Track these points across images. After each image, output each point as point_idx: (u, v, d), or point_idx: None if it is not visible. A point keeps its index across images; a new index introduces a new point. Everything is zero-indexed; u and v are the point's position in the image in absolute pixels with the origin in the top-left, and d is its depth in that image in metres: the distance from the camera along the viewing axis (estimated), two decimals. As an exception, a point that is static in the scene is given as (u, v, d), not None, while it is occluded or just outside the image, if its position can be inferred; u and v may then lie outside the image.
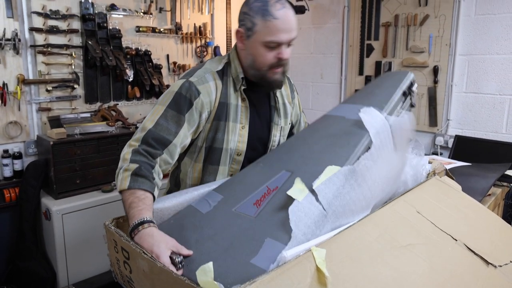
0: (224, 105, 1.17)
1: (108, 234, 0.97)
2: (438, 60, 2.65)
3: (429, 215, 1.04)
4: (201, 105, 1.13)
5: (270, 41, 1.09)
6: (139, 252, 0.84)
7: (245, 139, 1.21)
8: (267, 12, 1.07)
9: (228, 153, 1.20)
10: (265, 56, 1.11)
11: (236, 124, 1.19)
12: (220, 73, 1.19)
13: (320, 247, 0.80)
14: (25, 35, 2.28)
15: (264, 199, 0.95)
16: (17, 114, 2.31)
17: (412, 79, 1.26)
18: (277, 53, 1.11)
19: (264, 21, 1.07)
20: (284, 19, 1.07)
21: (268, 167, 1.09)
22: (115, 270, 1.02)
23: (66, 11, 2.42)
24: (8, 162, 2.28)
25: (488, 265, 0.94)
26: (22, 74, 2.28)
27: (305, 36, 3.50)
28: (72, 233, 2.24)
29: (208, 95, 1.14)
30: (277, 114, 1.30)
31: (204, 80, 1.15)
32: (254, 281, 0.69)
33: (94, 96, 2.64)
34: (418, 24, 2.70)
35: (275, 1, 1.08)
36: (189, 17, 3.15)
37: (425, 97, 2.75)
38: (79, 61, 2.53)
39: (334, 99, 3.39)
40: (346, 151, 1.01)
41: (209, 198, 1.06)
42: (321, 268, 0.74)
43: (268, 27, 1.07)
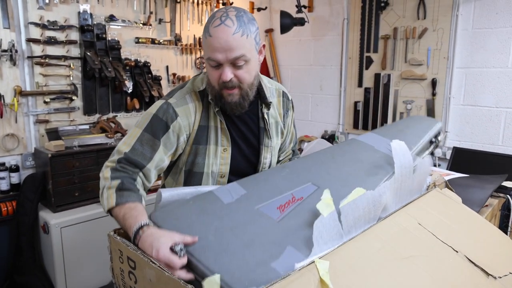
0: (205, 128, 1.14)
1: (113, 245, 0.96)
2: (436, 72, 2.68)
3: (430, 227, 1.05)
4: (178, 128, 1.10)
5: (208, 59, 1.04)
6: (147, 261, 0.84)
7: (227, 161, 1.17)
8: (206, 29, 1.03)
9: (211, 176, 1.17)
10: (212, 75, 1.07)
11: (217, 147, 1.15)
12: (202, 93, 1.15)
13: (323, 259, 0.81)
14: (22, 46, 2.25)
15: (288, 206, 0.96)
16: (14, 126, 2.27)
17: (439, 129, 1.30)
18: (220, 72, 1.04)
19: (204, 38, 1.04)
20: (217, 37, 0.99)
21: (295, 175, 1.09)
22: (117, 282, 1.01)
23: (64, 22, 2.40)
24: (5, 175, 2.24)
25: (489, 276, 0.95)
26: (19, 85, 2.25)
27: (304, 48, 3.52)
28: (71, 246, 2.19)
29: (187, 117, 1.11)
30: (267, 135, 1.24)
31: (184, 102, 1.12)
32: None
33: (92, 108, 2.61)
34: (417, 37, 2.73)
35: (219, 16, 1.02)
36: (188, 28, 3.14)
37: (424, 109, 2.77)
38: (78, 72, 2.51)
39: (333, 111, 3.41)
40: (373, 181, 1.03)
41: (231, 189, 1.04)
42: (325, 280, 0.75)
43: (206, 44, 1.04)
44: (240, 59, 1.02)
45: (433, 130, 1.27)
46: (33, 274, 2.22)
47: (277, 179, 1.08)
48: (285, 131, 1.34)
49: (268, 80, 1.30)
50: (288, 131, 1.36)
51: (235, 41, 1.00)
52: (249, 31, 1.03)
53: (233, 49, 1.00)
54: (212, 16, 1.04)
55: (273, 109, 1.26)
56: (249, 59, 1.04)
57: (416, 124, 1.35)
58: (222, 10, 1.04)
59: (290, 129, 1.38)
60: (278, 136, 1.30)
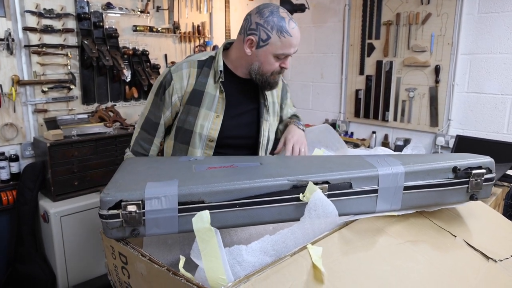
0: (199, 92, 1.30)
1: (105, 241, 0.98)
2: (440, 59, 2.61)
3: (428, 213, 1.05)
4: (172, 88, 1.30)
5: (282, 54, 1.23)
6: (137, 256, 0.85)
7: (217, 127, 1.31)
8: (284, 29, 1.20)
9: (202, 138, 1.31)
10: (273, 65, 1.25)
11: (210, 112, 1.30)
12: (202, 62, 1.32)
13: (316, 245, 0.82)
14: (18, 35, 2.25)
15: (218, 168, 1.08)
16: (13, 116, 2.28)
17: (483, 164, 1.03)
18: (282, 62, 1.26)
19: (280, 36, 1.20)
20: (296, 37, 1.23)
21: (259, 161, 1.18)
22: (113, 278, 1.03)
23: (61, 10, 2.38)
24: (4, 165, 2.26)
25: (489, 259, 0.95)
26: (17, 75, 2.25)
27: (305, 35, 3.46)
28: (71, 235, 2.22)
29: (180, 81, 1.30)
30: (266, 111, 1.39)
31: (180, 67, 1.31)
32: (248, 279, 0.71)
33: (91, 97, 2.61)
34: (420, 23, 2.66)
35: (289, 19, 1.22)
36: (187, 16, 3.11)
37: (426, 97, 2.71)
38: (75, 61, 2.50)
39: (334, 99, 3.36)
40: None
41: (196, 158, 1.24)
42: (317, 265, 0.76)
43: (282, 42, 1.21)
44: None
45: (467, 160, 1.03)
46: (34, 262, 2.25)
47: (238, 158, 1.19)
48: (284, 111, 1.53)
49: None
50: (287, 108, 1.55)
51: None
52: None
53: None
54: (277, 15, 1.20)
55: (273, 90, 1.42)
56: None
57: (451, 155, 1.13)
58: (282, 9, 1.23)
59: (289, 105, 1.56)
60: (275, 116, 1.46)
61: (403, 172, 1.00)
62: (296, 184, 0.94)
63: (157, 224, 0.90)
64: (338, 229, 0.93)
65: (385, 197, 1.00)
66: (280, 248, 0.84)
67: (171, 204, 0.89)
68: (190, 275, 0.75)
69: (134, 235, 0.90)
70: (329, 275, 0.76)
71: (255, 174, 1.00)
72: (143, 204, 0.88)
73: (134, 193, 0.89)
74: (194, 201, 0.91)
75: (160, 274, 0.79)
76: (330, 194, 0.96)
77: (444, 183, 1.02)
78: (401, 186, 1.00)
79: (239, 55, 1.29)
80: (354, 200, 0.98)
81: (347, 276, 0.78)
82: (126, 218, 0.88)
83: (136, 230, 0.90)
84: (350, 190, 0.98)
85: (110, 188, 0.93)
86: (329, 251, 0.83)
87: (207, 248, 0.76)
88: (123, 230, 0.90)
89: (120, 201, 0.88)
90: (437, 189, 1.02)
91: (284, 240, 0.85)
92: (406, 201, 1.02)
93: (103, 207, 0.89)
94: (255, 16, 1.23)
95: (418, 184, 1.01)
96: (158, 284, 0.81)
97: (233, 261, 0.78)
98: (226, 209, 0.92)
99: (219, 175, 1.02)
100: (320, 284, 0.74)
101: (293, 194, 0.94)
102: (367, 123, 3.11)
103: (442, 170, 1.02)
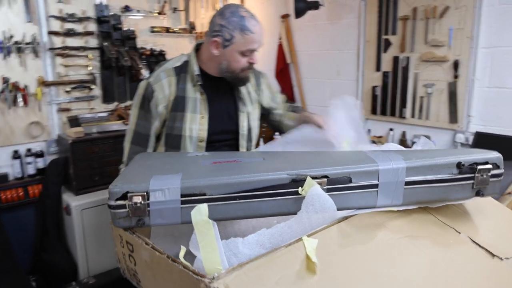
0: (182, 98, 1.36)
1: (114, 231, 1.04)
2: (459, 53, 2.54)
3: (433, 209, 1.03)
4: (156, 100, 1.34)
5: (246, 50, 1.30)
6: (141, 244, 0.89)
7: (204, 127, 1.37)
8: (245, 27, 1.27)
9: (192, 140, 1.37)
10: (240, 62, 1.32)
11: (195, 115, 1.37)
12: (178, 69, 1.38)
13: (313, 237, 0.83)
14: (43, 39, 2.37)
15: (223, 163, 1.12)
16: (38, 115, 2.41)
17: (490, 159, 1.00)
18: (249, 58, 1.33)
19: (242, 34, 1.28)
20: (258, 33, 1.30)
21: (260, 155, 1.21)
22: (122, 266, 1.09)
23: (82, 14, 2.49)
24: (31, 160, 2.39)
25: (494, 257, 0.93)
26: (42, 76, 2.37)
27: (320, 33, 3.44)
28: (91, 227, 2.32)
29: (162, 91, 1.34)
30: (242, 103, 1.46)
31: (159, 78, 1.35)
32: (242, 267, 0.73)
33: (111, 96, 2.71)
34: (438, 17, 2.59)
35: (249, 17, 1.29)
36: (202, 16, 3.17)
37: (445, 93, 2.65)
38: (96, 62, 2.61)
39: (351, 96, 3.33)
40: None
41: (202, 153, 1.28)
42: (310, 255, 0.76)
43: (245, 39, 1.28)
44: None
45: (474, 156, 1.01)
46: (58, 252, 2.37)
47: (239, 154, 1.25)
48: (263, 96, 1.57)
49: None
50: (266, 93, 1.59)
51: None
52: None
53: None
54: (238, 14, 1.28)
55: None
56: None
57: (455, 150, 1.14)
58: (243, 9, 1.30)
59: (270, 89, 1.61)
60: (252, 104, 1.51)
61: (404, 167, 0.99)
62: (295, 178, 0.96)
63: (161, 214, 0.94)
64: (337, 222, 0.94)
65: (385, 192, 1.00)
66: (277, 241, 0.86)
67: (174, 196, 0.93)
68: (188, 264, 0.79)
69: (140, 224, 0.95)
70: (322, 266, 0.77)
71: (256, 168, 1.03)
72: (147, 195, 0.93)
73: (139, 185, 0.94)
74: (196, 193, 0.94)
75: (161, 261, 0.83)
76: (329, 188, 0.97)
77: (448, 179, 1.00)
78: (402, 181, 1.00)
79: (208, 56, 1.35)
80: (354, 195, 0.99)
81: (341, 267, 0.79)
82: (132, 209, 0.93)
83: (141, 220, 0.95)
84: (349, 184, 0.98)
85: (118, 180, 0.98)
86: (325, 243, 0.84)
87: (205, 240, 0.80)
88: (129, 220, 0.95)
89: (126, 192, 0.93)
90: (441, 184, 1.01)
91: (280, 234, 0.87)
92: (407, 196, 1.01)
93: (111, 198, 0.94)
94: (218, 18, 1.30)
95: (420, 180, 1.00)
96: (159, 270, 0.86)
97: (229, 253, 0.82)
98: (227, 202, 0.95)
99: (221, 169, 1.05)
100: (312, 274, 0.75)
101: (292, 188, 0.96)
102: (384, 120, 3.07)
103: (445, 166, 1.00)
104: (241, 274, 0.73)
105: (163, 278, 0.87)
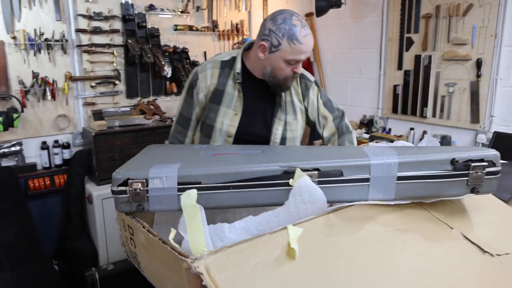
0: (220, 91, 1.39)
1: (119, 216, 1.11)
2: (482, 52, 2.46)
3: (427, 205, 1.03)
4: (198, 88, 1.41)
5: (292, 59, 1.28)
6: (139, 227, 0.95)
7: (235, 123, 1.39)
8: (294, 37, 1.25)
9: (221, 133, 1.40)
10: (284, 70, 1.31)
11: (229, 110, 1.39)
12: (224, 63, 1.41)
13: (299, 226, 0.85)
14: (71, 36, 2.51)
15: (221, 155, 1.17)
16: (66, 108, 2.56)
17: (485, 157, 0.99)
18: (293, 67, 1.31)
19: (290, 43, 1.26)
20: (307, 44, 1.27)
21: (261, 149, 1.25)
22: (126, 249, 1.16)
23: (108, 13, 2.61)
24: (58, 151, 2.54)
25: (485, 253, 0.92)
26: (69, 71, 2.52)
27: (344, 31, 3.42)
28: (111, 216, 2.44)
29: (205, 80, 1.40)
30: (281, 110, 1.43)
31: (205, 68, 1.41)
32: (224, 250, 0.76)
33: (134, 92, 2.83)
34: (461, 15, 2.52)
35: (301, 27, 1.26)
36: (225, 15, 3.23)
37: (467, 92, 2.57)
38: (121, 59, 2.73)
39: (372, 95, 3.29)
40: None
41: (207, 145, 1.38)
42: (291, 242, 0.79)
43: (292, 49, 1.26)
44: None
45: (470, 152, 1.00)
46: (80, 240, 2.50)
47: (240, 147, 1.29)
48: (310, 109, 1.50)
49: None
50: (314, 108, 1.50)
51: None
52: None
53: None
54: (289, 22, 1.26)
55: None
56: None
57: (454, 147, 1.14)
58: (296, 17, 1.28)
59: (318, 105, 1.51)
60: (295, 114, 1.46)
61: (397, 162, 1.00)
62: (287, 170, 0.99)
63: (159, 201, 1.00)
64: (326, 214, 0.96)
65: (377, 186, 1.01)
66: (264, 228, 0.90)
67: (171, 183, 0.99)
68: (176, 245, 0.84)
69: (140, 210, 1.01)
70: (303, 253, 0.80)
71: (251, 160, 1.07)
72: (147, 182, 0.99)
73: (140, 172, 1.00)
74: (192, 182, 1.00)
75: (154, 243, 0.89)
76: (320, 181, 0.99)
77: (441, 175, 1.00)
78: (394, 176, 1.00)
79: (255, 57, 1.35)
80: (345, 188, 1.01)
81: (321, 256, 0.81)
82: (132, 194, 1.00)
83: (141, 205, 1.01)
84: (341, 178, 1.00)
85: (122, 168, 1.05)
86: (310, 232, 0.86)
87: (192, 223, 0.85)
88: (130, 205, 1.02)
89: (127, 179, 1.00)
90: (434, 180, 1.01)
91: (268, 222, 0.91)
92: (400, 191, 1.02)
93: (113, 183, 1.01)
94: (269, 22, 1.29)
95: (413, 175, 1.00)
96: (153, 251, 0.92)
97: (215, 237, 0.86)
98: (221, 190, 1.00)
99: (219, 160, 1.10)
100: (291, 260, 0.78)
101: (284, 180, 0.99)
102: (405, 119, 3.01)
103: (439, 162, 1.00)
104: (222, 256, 0.77)
105: (156, 259, 0.92)
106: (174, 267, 0.83)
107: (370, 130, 3.26)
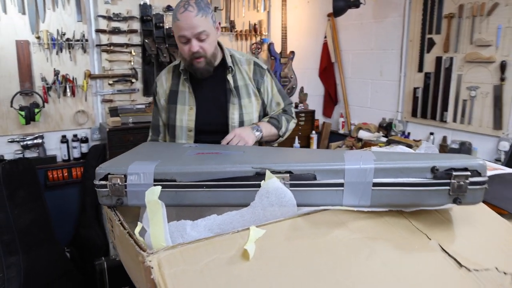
0: (175, 92, 1.48)
1: (104, 208, 1.15)
2: (507, 54, 2.32)
3: (408, 214, 0.99)
4: (158, 94, 1.52)
5: (179, 36, 1.32)
6: (114, 219, 0.99)
7: (192, 117, 1.46)
8: (174, 16, 1.32)
9: (182, 130, 1.47)
10: (182, 49, 1.36)
11: (185, 106, 1.46)
12: (175, 66, 1.50)
13: (262, 228, 0.85)
14: (92, 36, 2.63)
15: (204, 154, 1.20)
16: (85, 104, 2.68)
17: (470, 166, 0.93)
18: (189, 46, 1.32)
19: (173, 23, 1.33)
20: (183, 20, 1.29)
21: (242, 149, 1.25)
22: (112, 240, 1.20)
23: (127, 14, 2.71)
24: (76, 145, 2.67)
25: (461, 267, 0.87)
26: (89, 70, 2.63)
27: (365, 31, 3.35)
28: (122, 208, 2.53)
29: (162, 86, 1.51)
30: (233, 94, 1.46)
31: (161, 75, 1.53)
32: (178, 247, 0.77)
33: (150, 90, 2.91)
34: (486, 14, 2.39)
35: (183, 5, 1.31)
36: (243, 15, 3.25)
37: (490, 97, 2.43)
38: (138, 58, 2.82)
39: (392, 98, 3.19)
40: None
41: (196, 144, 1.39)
42: (247, 243, 0.79)
43: (175, 27, 1.33)
44: (202, 34, 1.31)
45: (451, 161, 0.94)
46: (93, 229, 2.62)
47: (225, 147, 1.29)
48: (265, 95, 1.55)
49: (240, 53, 1.56)
50: (268, 94, 1.55)
51: (196, 20, 1.30)
52: (206, 13, 1.32)
53: (196, 27, 1.30)
54: (177, 5, 1.32)
55: (240, 74, 1.49)
56: (209, 34, 1.33)
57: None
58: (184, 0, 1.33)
59: (273, 92, 1.56)
60: (250, 97, 1.50)
61: (373, 168, 0.97)
62: (259, 172, 0.99)
63: (137, 196, 1.03)
64: (295, 217, 0.95)
65: (352, 192, 0.99)
66: (227, 228, 0.90)
67: (148, 180, 1.02)
68: (140, 238, 0.86)
69: (119, 203, 1.05)
70: (259, 255, 0.79)
71: (228, 160, 1.08)
72: (125, 178, 1.03)
73: (120, 168, 1.04)
74: (167, 179, 1.02)
75: (123, 235, 0.91)
76: (292, 184, 0.98)
77: (420, 183, 0.96)
78: (370, 182, 0.97)
79: None
80: (319, 192, 0.99)
81: (277, 259, 0.80)
82: (112, 189, 1.04)
83: (120, 199, 1.05)
84: (313, 181, 0.99)
85: (106, 163, 1.09)
86: (273, 234, 0.85)
87: (154, 218, 0.87)
88: (110, 199, 1.06)
89: (108, 174, 1.04)
90: (412, 188, 0.96)
91: (231, 221, 0.91)
92: (376, 198, 0.98)
93: (96, 178, 1.06)
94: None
95: (390, 182, 0.97)
96: (123, 244, 0.94)
97: (177, 233, 0.88)
98: (195, 189, 1.01)
99: (198, 159, 1.12)
100: (244, 260, 0.78)
101: (256, 181, 0.99)
102: (425, 123, 2.90)
103: (418, 169, 0.96)
104: (176, 253, 0.78)
105: (126, 251, 0.95)
106: (136, 260, 0.85)
107: (389, 133, 3.17)
